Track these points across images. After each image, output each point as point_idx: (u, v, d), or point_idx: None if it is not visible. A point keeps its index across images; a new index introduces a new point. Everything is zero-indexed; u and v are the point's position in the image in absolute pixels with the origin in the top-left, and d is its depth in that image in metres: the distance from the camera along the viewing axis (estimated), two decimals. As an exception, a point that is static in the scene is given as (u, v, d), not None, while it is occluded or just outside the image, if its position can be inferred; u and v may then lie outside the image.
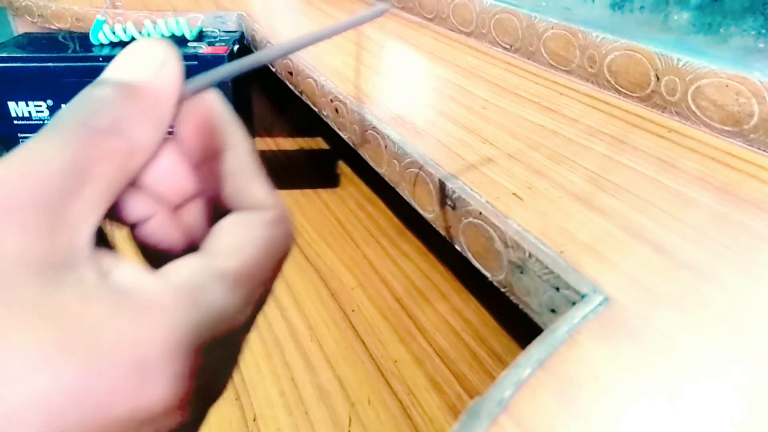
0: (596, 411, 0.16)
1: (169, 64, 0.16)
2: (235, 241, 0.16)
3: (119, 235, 0.17)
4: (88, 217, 0.13)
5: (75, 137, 0.14)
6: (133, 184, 0.16)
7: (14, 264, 0.12)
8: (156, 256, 0.18)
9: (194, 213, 0.18)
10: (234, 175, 0.17)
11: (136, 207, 0.17)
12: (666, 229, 0.24)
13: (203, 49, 0.59)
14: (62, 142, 0.13)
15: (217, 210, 0.18)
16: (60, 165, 0.13)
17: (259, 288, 0.16)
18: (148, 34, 0.62)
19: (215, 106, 0.17)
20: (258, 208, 0.17)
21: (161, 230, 0.17)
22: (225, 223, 0.16)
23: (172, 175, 0.17)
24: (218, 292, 0.14)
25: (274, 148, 0.79)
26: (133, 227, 0.17)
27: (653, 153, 0.31)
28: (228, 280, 0.15)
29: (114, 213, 0.16)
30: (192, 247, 0.18)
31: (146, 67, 0.16)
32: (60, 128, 0.14)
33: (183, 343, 0.13)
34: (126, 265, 0.14)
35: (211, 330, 0.14)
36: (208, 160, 0.17)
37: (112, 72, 0.16)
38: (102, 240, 0.15)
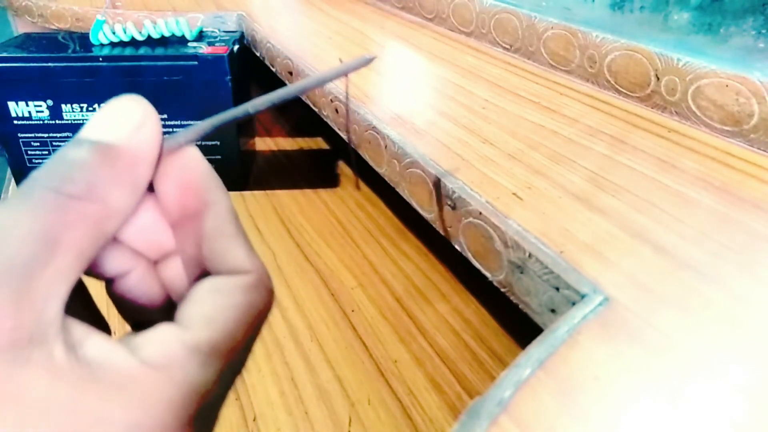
0: (596, 411, 0.16)
1: (147, 124, 0.15)
2: (211, 311, 0.15)
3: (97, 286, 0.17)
4: (59, 287, 0.13)
5: (45, 204, 0.13)
6: (110, 239, 0.15)
7: None
8: (133, 311, 0.17)
9: (173, 268, 0.18)
10: (213, 236, 0.16)
11: (113, 262, 0.16)
12: (666, 229, 0.24)
13: (203, 49, 0.59)
14: (31, 210, 0.13)
15: (196, 266, 0.17)
16: (28, 234, 0.12)
17: (235, 356, 0.15)
18: (148, 34, 0.62)
19: (196, 163, 0.17)
20: (236, 272, 0.16)
21: (139, 285, 0.17)
22: (201, 289, 0.16)
23: (150, 231, 0.17)
24: (193, 367, 0.14)
25: (274, 148, 0.79)
26: (110, 282, 0.17)
27: (653, 153, 0.31)
28: (202, 354, 0.14)
29: (91, 268, 0.16)
30: (170, 302, 0.18)
31: (123, 127, 0.15)
32: (30, 194, 0.13)
33: (157, 423, 0.13)
34: (98, 338, 0.13)
35: (185, 407, 0.13)
36: (187, 218, 0.17)
37: (88, 131, 0.15)
38: (81, 301, 0.14)
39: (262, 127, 0.82)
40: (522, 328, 0.47)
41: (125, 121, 0.15)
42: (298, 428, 0.38)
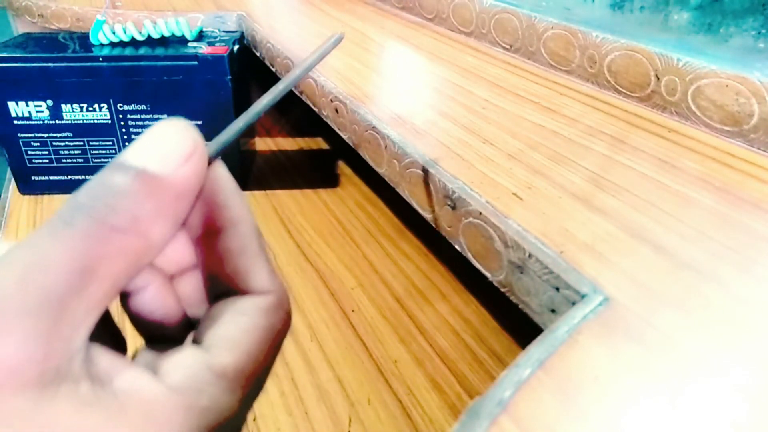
0: (596, 411, 0.16)
1: (195, 157, 0.15)
2: (234, 333, 0.15)
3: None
4: (89, 318, 0.13)
5: (88, 234, 0.13)
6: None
7: (8, 375, 0.11)
8: (148, 326, 0.17)
9: (191, 284, 0.17)
10: (234, 255, 0.16)
11: None
12: (666, 229, 0.24)
13: (203, 49, 0.59)
14: (72, 239, 0.13)
15: (216, 282, 0.17)
16: (67, 266, 0.12)
17: (257, 379, 0.15)
18: (148, 34, 0.62)
19: (222, 180, 0.16)
20: (258, 292, 0.16)
21: (155, 301, 0.17)
22: (222, 310, 0.16)
23: (171, 246, 0.16)
24: (217, 392, 0.14)
25: (274, 148, 0.79)
26: (125, 295, 0.16)
27: (653, 153, 0.31)
28: (226, 380, 0.14)
29: None
30: (186, 318, 0.18)
31: (171, 157, 0.14)
32: (73, 222, 0.13)
33: None
34: (124, 368, 0.13)
35: (210, 430, 0.13)
36: (211, 235, 0.16)
37: (133, 155, 0.14)
38: (100, 318, 0.14)
39: (262, 127, 0.82)
40: (522, 328, 0.47)
41: (174, 149, 0.14)
42: (298, 428, 0.38)
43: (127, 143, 0.61)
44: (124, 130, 0.61)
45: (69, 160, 0.63)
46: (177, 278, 0.17)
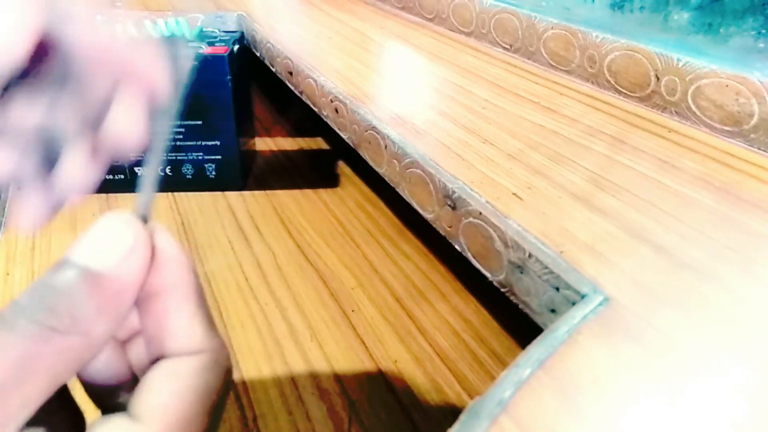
0: (596, 411, 0.16)
1: (137, 250, 0.15)
2: (166, 398, 0.15)
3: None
4: (22, 412, 0.13)
5: (27, 336, 0.13)
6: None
7: None
8: (100, 393, 0.17)
9: (141, 347, 0.17)
10: (172, 315, 0.16)
11: None
12: (666, 229, 0.24)
13: (203, 49, 0.59)
14: (11, 342, 0.13)
15: (154, 344, 0.17)
16: (3, 365, 0.12)
17: None
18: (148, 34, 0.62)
19: (165, 243, 0.17)
20: (191, 351, 0.16)
21: (107, 367, 0.17)
22: (156, 375, 0.16)
23: None
24: None
25: (274, 148, 0.79)
26: None
27: (653, 153, 0.31)
28: None
29: None
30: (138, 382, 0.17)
31: (112, 253, 0.15)
32: (13, 325, 0.13)
33: None
34: None
35: None
36: (152, 297, 0.16)
37: (76, 254, 0.15)
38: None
39: (262, 127, 0.82)
40: (522, 328, 0.47)
41: (115, 245, 0.15)
42: (298, 428, 0.38)
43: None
44: (124, 130, 0.61)
45: (69, 160, 0.62)
46: (128, 343, 0.18)
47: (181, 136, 0.62)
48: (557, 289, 0.22)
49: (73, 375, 0.14)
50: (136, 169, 0.62)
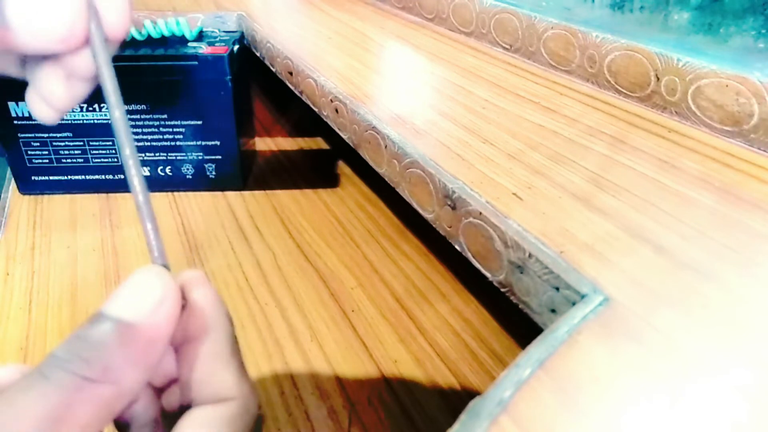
0: (596, 411, 0.16)
1: (166, 302, 0.16)
2: None
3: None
4: None
5: (60, 386, 0.14)
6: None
7: None
8: None
9: (176, 395, 0.18)
10: (205, 361, 0.17)
11: None
12: (666, 229, 0.24)
13: (203, 49, 0.59)
14: (46, 391, 0.14)
15: (187, 391, 0.17)
16: (38, 414, 0.13)
17: None
18: (148, 34, 0.62)
19: (201, 289, 0.17)
20: (223, 400, 0.16)
21: (143, 415, 0.17)
22: (185, 424, 0.16)
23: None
24: None
25: (274, 148, 0.79)
26: None
27: (653, 153, 0.31)
28: None
29: None
30: None
31: (144, 305, 0.15)
32: (48, 376, 0.14)
33: None
34: None
35: None
36: (188, 342, 0.17)
37: (110, 306, 0.15)
38: None
39: (262, 127, 0.82)
40: (522, 328, 0.47)
41: (145, 297, 0.16)
42: (298, 428, 0.38)
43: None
44: (124, 130, 0.61)
45: (69, 160, 0.63)
46: (166, 391, 0.18)
47: (181, 136, 0.62)
48: (557, 289, 0.22)
49: (106, 423, 0.15)
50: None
